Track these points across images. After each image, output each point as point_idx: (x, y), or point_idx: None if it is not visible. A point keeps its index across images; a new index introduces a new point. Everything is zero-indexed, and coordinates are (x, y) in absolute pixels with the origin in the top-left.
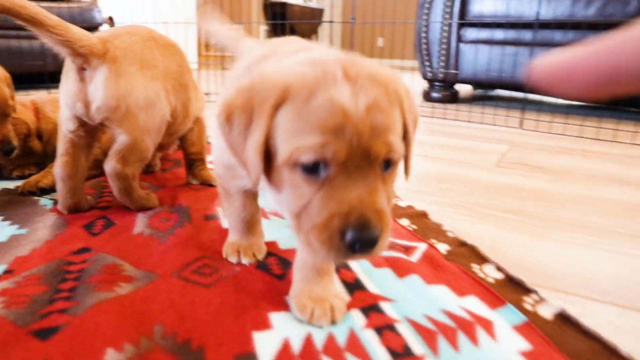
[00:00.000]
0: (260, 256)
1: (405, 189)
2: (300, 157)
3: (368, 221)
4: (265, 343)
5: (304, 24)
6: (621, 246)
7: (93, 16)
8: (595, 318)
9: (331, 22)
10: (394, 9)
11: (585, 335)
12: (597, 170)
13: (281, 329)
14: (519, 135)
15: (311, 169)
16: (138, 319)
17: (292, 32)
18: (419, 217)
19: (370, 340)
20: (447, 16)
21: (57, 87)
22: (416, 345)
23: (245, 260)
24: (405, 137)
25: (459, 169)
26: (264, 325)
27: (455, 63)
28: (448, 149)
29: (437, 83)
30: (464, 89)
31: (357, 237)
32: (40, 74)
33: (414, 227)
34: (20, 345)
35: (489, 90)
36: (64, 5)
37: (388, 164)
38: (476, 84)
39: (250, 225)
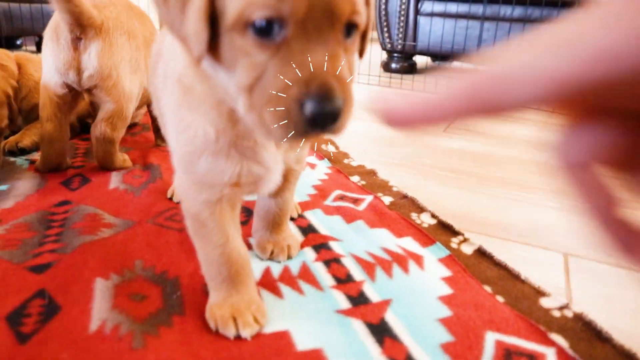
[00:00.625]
0: (264, 320)
1: (358, 151)
2: (253, 15)
3: (331, 89)
4: None
5: None
6: (542, 199)
7: None
8: (509, 254)
9: None
10: None
11: (496, 265)
12: (533, 136)
13: None
14: None
15: (265, 31)
16: (121, 256)
17: None
18: (369, 174)
19: (319, 270)
20: None
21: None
22: (357, 273)
23: (246, 333)
24: (367, 5)
25: (408, 133)
26: None
27: (413, 35)
28: None
29: (396, 54)
30: (421, 61)
31: (318, 109)
32: None
33: (363, 182)
34: (18, 278)
35: (447, 63)
36: None
37: (350, 30)
38: (432, 55)
39: (239, 269)
